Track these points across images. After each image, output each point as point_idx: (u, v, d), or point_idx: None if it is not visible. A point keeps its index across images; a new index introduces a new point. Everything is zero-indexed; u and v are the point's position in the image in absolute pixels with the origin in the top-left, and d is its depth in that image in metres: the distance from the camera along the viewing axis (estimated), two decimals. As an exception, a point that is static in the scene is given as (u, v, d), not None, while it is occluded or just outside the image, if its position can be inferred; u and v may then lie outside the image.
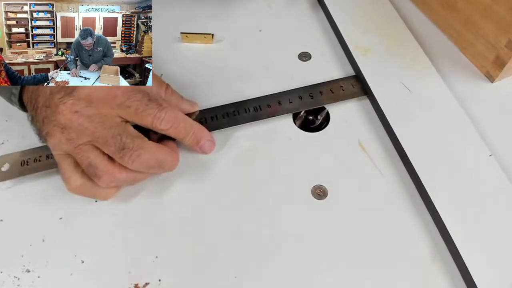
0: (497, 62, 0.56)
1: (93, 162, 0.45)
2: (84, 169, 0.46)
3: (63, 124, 0.44)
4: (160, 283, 0.46)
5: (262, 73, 0.61)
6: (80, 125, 0.43)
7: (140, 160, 0.45)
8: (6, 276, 0.46)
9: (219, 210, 0.50)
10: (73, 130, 0.44)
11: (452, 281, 0.44)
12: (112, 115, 0.44)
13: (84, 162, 0.45)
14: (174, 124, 0.47)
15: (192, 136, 0.49)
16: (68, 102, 0.43)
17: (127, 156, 0.45)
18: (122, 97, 0.43)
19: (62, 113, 0.43)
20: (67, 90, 0.43)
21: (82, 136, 0.44)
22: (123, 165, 0.46)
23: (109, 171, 0.45)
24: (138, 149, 0.45)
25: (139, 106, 0.44)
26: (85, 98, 0.43)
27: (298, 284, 0.45)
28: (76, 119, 0.43)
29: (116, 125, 0.44)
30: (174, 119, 0.46)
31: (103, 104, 0.43)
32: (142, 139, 0.46)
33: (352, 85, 0.58)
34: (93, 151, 0.45)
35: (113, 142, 0.44)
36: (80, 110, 0.43)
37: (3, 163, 0.53)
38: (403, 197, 0.50)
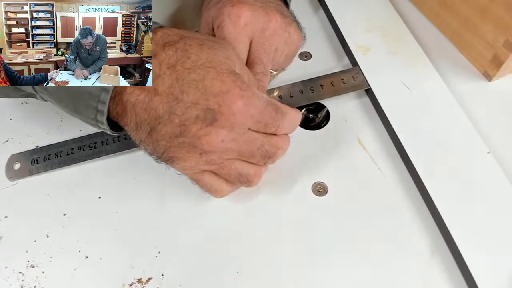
0: (495, 61, 0.55)
1: (243, 171, 0.45)
2: (233, 179, 0.46)
3: (206, 150, 0.42)
4: (163, 278, 0.45)
5: (263, 72, 0.60)
6: (226, 148, 0.42)
7: (278, 157, 0.46)
8: (11, 271, 0.46)
9: (220, 206, 0.49)
10: (215, 154, 0.42)
11: (451, 276, 0.44)
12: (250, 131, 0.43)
13: (233, 173, 0.45)
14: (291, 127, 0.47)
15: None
16: (211, 133, 0.41)
17: (271, 160, 0.46)
18: (258, 116, 0.43)
19: (207, 143, 0.41)
20: (205, 121, 0.40)
21: (225, 156, 0.43)
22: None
23: (258, 173, 0.46)
24: (276, 150, 0.45)
25: (269, 120, 0.43)
26: (227, 126, 0.41)
27: (298, 280, 0.45)
28: (222, 146, 0.42)
29: (257, 138, 0.44)
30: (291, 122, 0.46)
31: (242, 126, 0.42)
32: (276, 139, 0.45)
33: (353, 78, 0.57)
34: (237, 162, 0.45)
35: (258, 153, 0.44)
36: (225, 138, 0.41)
37: (14, 162, 0.53)
38: (402, 194, 0.49)
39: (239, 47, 0.47)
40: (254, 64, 0.48)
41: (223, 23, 0.47)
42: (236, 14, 0.47)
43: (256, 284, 0.45)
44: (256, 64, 0.48)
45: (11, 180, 0.52)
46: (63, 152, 0.52)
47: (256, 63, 0.48)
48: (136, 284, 0.45)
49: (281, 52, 0.51)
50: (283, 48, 0.51)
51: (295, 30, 0.52)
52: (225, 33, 0.47)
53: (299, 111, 0.47)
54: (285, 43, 0.51)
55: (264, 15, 0.48)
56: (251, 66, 0.48)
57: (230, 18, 0.47)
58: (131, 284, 0.45)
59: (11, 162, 0.53)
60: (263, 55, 0.48)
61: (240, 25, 0.47)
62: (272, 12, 0.49)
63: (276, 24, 0.49)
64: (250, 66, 0.48)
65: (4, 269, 0.46)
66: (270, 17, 0.49)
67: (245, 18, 0.47)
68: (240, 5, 0.48)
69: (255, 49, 0.48)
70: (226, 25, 0.47)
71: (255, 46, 0.48)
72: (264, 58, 0.48)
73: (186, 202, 0.50)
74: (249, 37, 0.48)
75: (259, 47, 0.48)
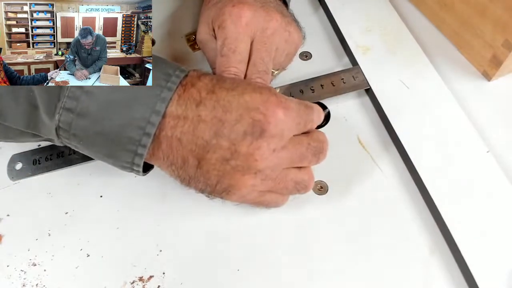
0: (494, 61, 0.55)
1: (298, 179, 0.45)
2: (291, 190, 0.45)
3: (259, 168, 0.41)
4: (164, 276, 0.45)
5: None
6: (279, 158, 0.41)
7: (326, 150, 0.46)
8: (13, 269, 0.46)
9: (222, 205, 0.49)
10: (269, 169, 0.42)
11: (451, 274, 0.44)
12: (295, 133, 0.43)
13: (290, 185, 0.44)
14: (319, 120, 0.46)
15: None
16: (263, 146, 0.40)
17: (322, 156, 0.45)
18: (297, 118, 0.42)
19: (260, 157, 0.40)
20: (254, 134, 0.40)
21: (279, 167, 0.43)
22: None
23: (311, 176, 0.46)
24: (322, 144, 0.45)
25: (305, 118, 0.43)
26: (277, 134, 0.41)
27: (298, 278, 0.45)
28: (274, 157, 0.41)
29: (301, 138, 0.44)
30: (318, 115, 0.46)
31: (290, 131, 0.42)
32: (316, 133, 0.45)
33: (353, 77, 0.57)
34: (290, 172, 0.44)
35: (309, 153, 0.44)
36: (276, 147, 0.41)
37: (16, 162, 0.52)
38: (401, 193, 0.49)
39: (241, 46, 0.47)
40: (255, 63, 0.48)
41: (224, 23, 0.47)
42: (237, 14, 0.47)
43: (256, 282, 0.45)
44: (257, 63, 0.48)
45: (13, 180, 0.51)
46: (65, 152, 0.52)
47: (257, 62, 0.48)
48: (138, 282, 0.45)
49: (282, 51, 0.51)
50: (283, 47, 0.51)
51: (295, 29, 0.52)
52: (227, 33, 0.47)
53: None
54: (286, 42, 0.51)
55: (265, 15, 0.48)
56: (253, 65, 0.48)
57: (231, 18, 0.47)
58: (133, 282, 0.45)
59: (13, 162, 0.52)
60: (265, 54, 0.48)
61: (241, 25, 0.47)
62: (273, 12, 0.49)
63: (277, 23, 0.49)
64: (251, 65, 0.48)
65: (6, 267, 0.46)
66: (270, 17, 0.48)
67: (246, 18, 0.47)
68: (241, 5, 0.47)
69: (257, 48, 0.48)
70: (228, 25, 0.47)
71: (256, 46, 0.48)
72: (266, 57, 0.48)
73: (187, 200, 0.49)
74: (250, 36, 0.48)
75: (260, 46, 0.48)
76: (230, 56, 0.47)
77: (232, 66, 0.46)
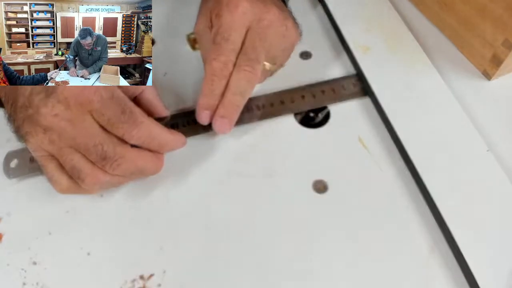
0: (494, 60, 0.55)
1: (77, 164, 0.43)
2: (68, 171, 0.44)
3: (45, 126, 0.41)
4: (164, 274, 0.45)
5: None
6: (62, 128, 0.41)
7: (121, 168, 0.44)
8: (13, 268, 0.46)
9: (222, 203, 0.49)
10: (55, 132, 0.42)
11: (451, 273, 0.44)
12: (92, 121, 0.42)
13: (68, 164, 0.43)
14: (146, 141, 0.45)
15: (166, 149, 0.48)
16: (48, 104, 0.41)
17: (108, 165, 0.43)
18: (98, 103, 0.41)
19: (44, 115, 0.41)
20: (47, 92, 0.41)
21: (63, 139, 0.42)
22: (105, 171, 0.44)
23: (92, 174, 0.44)
24: (119, 158, 0.43)
25: (112, 117, 0.42)
26: (63, 101, 0.41)
27: (298, 277, 0.45)
28: (57, 122, 0.41)
29: (98, 134, 0.42)
30: (147, 136, 0.44)
31: (80, 108, 0.41)
32: (123, 147, 0.44)
33: (353, 85, 0.57)
34: (76, 153, 0.43)
35: (94, 150, 0.42)
36: (60, 114, 0.41)
37: (12, 159, 0.51)
38: (402, 192, 0.49)
39: (234, 35, 0.47)
40: (246, 51, 0.48)
41: (221, 12, 0.48)
42: (234, 4, 0.48)
43: (257, 281, 0.44)
44: (248, 51, 0.48)
45: (10, 178, 0.51)
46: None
47: (249, 50, 0.48)
48: (138, 281, 0.45)
49: (278, 45, 0.51)
50: (280, 42, 0.51)
51: (293, 25, 0.52)
52: (222, 21, 0.47)
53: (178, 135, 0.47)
54: (283, 36, 0.51)
55: (262, 7, 0.49)
56: (244, 53, 0.48)
57: (228, 7, 0.48)
58: (133, 281, 0.45)
59: (9, 159, 0.51)
60: (258, 43, 0.48)
61: (237, 14, 0.48)
62: (270, 5, 0.49)
63: (274, 16, 0.49)
64: (242, 53, 0.48)
65: (7, 266, 0.46)
66: (268, 9, 0.49)
67: (243, 7, 0.48)
68: None
69: (250, 37, 0.48)
70: (224, 14, 0.47)
71: (251, 35, 0.48)
72: (258, 46, 0.48)
73: (188, 199, 0.49)
74: (245, 26, 0.48)
75: (254, 36, 0.48)
76: (222, 44, 0.47)
77: (222, 55, 0.46)
